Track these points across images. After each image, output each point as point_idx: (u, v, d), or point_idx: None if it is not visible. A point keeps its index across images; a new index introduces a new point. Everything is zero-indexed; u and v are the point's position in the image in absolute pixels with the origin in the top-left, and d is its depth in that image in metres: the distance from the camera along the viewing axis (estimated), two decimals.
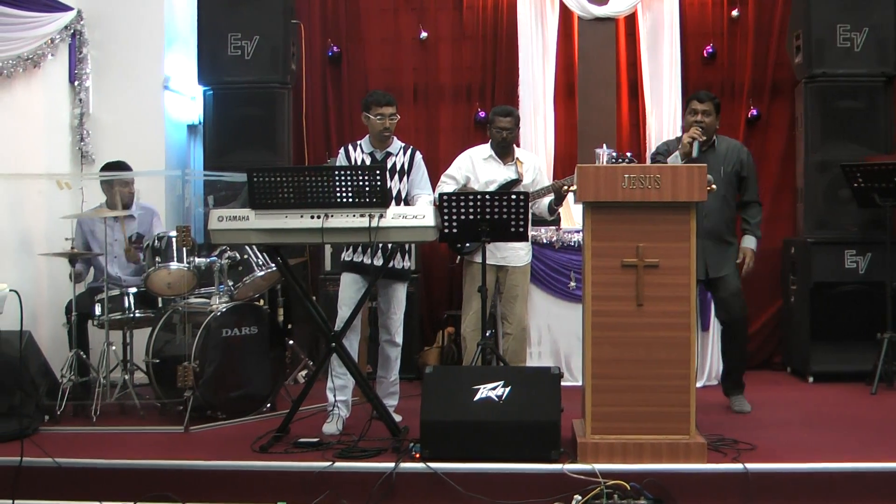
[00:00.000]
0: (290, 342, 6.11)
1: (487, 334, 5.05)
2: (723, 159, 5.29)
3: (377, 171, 4.44)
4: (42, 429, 4.91)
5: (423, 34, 7.17)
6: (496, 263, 5.54)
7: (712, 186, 4.27)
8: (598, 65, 6.88)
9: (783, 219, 6.95)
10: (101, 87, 6.64)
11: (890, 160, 5.97)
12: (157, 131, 6.73)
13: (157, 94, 6.75)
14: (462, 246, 5.54)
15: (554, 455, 4.13)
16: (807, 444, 4.56)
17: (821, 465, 4.10)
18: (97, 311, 5.39)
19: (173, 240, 5.33)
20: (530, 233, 5.20)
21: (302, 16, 7.07)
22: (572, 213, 6.56)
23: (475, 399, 4.25)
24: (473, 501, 3.99)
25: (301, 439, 4.55)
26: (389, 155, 5.07)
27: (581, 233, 4.43)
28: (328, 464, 4.15)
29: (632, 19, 7.06)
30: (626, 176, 4.16)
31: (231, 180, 6.16)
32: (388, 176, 4.72)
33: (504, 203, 4.78)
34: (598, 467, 4.01)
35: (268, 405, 5.40)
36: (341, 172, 4.45)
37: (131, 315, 5.47)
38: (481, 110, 7.08)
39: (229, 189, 6.19)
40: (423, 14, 7.21)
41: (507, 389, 4.26)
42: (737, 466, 4.05)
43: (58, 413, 5.10)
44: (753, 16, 7.06)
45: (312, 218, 4.45)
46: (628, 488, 3.91)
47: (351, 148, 5.13)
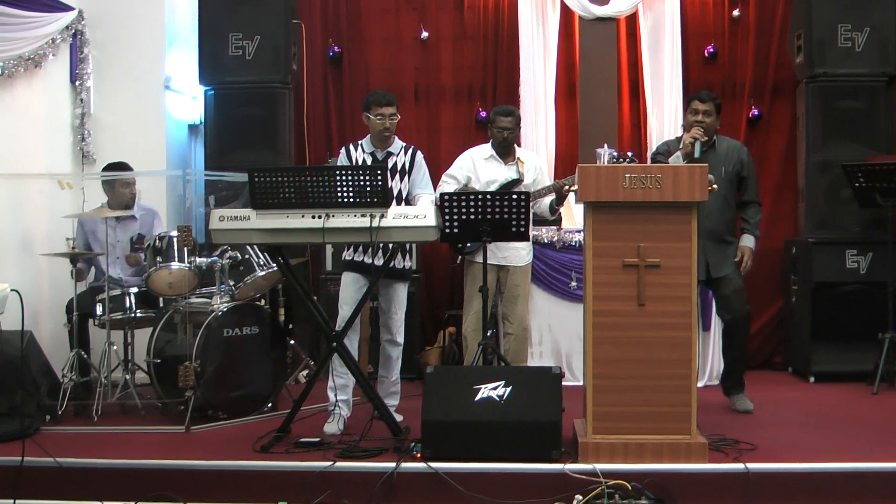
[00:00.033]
0: (291, 342, 6.10)
1: (488, 334, 5.05)
2: (723, 159, 5.29)
3: (378, 171, 4.44)
4: (43, 429, 4.91)
5: (424, 34, 7.16)
6: (497, 263, 5.54)
7: (713, 186, 4.27)
8: (599, 65, 6.88)
9: (784, 219, 6.94)
10: (103, 87, 6.64)
11: (891, 160, 5.97)
12: (158, 131, 6.73)
13: (158, 93, 6.75)
14: (463, 246, 5.53)
15: (555, 455, 4.13)
16: (808, 444, 4.56)
17: (822, 465, 4.10)
18: (98, 311, 5.39)
19: (174, 240, 5.33)
20: (531, 233, 5.19)
21: (303, 16, 7.08)
22: (573, 213, 6.56)
23: (476, 399, 4.25)
24: (474, 501, 3.99)
25: (302, 439, 4.54)
26: (390, 155, 5.07)
27: (582, 232, 4.42)
28: (329, 464, 4.15)
29: (633, 19, 7.06)
30: (628, 176, 4.16)
31: (232, 180, 6.17)
32: (388, 176, 4.73)
33: (505, 203, 4.78)
34: (599, 467, 4.00)
35: (269, 405, 5.40)
36: (342, 172, 4.45)
37: (132, 315, 5.47)
38: (482, 110, 7.07)
39: (230, 189, 6.20)
40: (424, 14, 7.21)
41: (509, 389, 4.26)
42: (738, 466, 4.05)
43: (59, 413, 5.10)
44: (754, 16, 7.05)
45: (313, 218, 4.45)
46: (629, 488, 3.91)
47: (352, 148, 5.13)
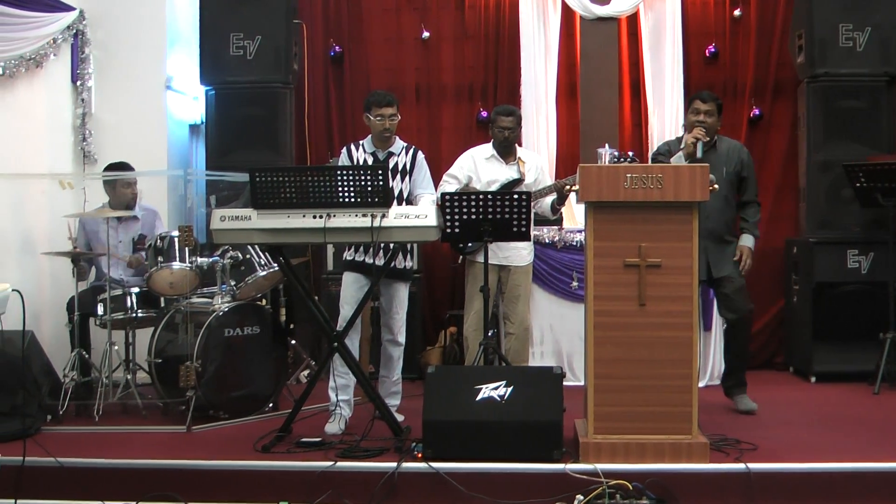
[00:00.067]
0: (293, 342, 6.11)
1: (490, 334, 5.05)
2: (724, 159, 5.29)
3: (379, 171, 4.44)
4: (44, 428, 4.91)
5: (425, 34, 7.16)
6: (498, 263, 5.54)
7: (714, 186, 4.27)
8: (600, 64, 6.88)
9: (785, 219, 6.94)
10: (104, 87, 6.64)
11: (892, 160, 5.96)
12: (160, 131, 6.73)
13: (159, 93, 6.75)
14: (464, 246, 5.53)
15: (556, 455, 4.13)
16: (809, 444, 4.56)
17: (823, 465, 4.10)
18: (99, 311, 5.39)
19: (175, 239, 5.33)
20: (532, 232, 5.19)
21: (304, 15, 7.08)
22: (574, 213, 6.56)
23: (477, 399, 4.24)
24: (475, 501, 3.99)
25: (303, 439, 4.54)
26: (391, 155, 5.07)
27: (583, 232, 4.43)
28: (330, 463, 4.15)
29: (634, 19, 7.05)
30: (629, 176, 4.16)
31: (233, 180, 6.17)
32: (390, 176, 4.73)
33: (506, 203, 4.78)
34: (600, 467, 4.00)
35: (270, 405, 5.40)
36: (343, 172, 4.45)
37: (133, 315, 5.47)
38: (483, 110, 7.07)
39: (231, 189, 6.20)
40: (425, 14, 7.21)
41: (510, 389, 4.26)
42: (739, 466, 4.05)
43: (60, 413, 5.10)
44: (755, 15, 7.05)
45: (315, 218, 4.45)
46: (630, 488, 3.91)
47: (353, 148, 5.13)
